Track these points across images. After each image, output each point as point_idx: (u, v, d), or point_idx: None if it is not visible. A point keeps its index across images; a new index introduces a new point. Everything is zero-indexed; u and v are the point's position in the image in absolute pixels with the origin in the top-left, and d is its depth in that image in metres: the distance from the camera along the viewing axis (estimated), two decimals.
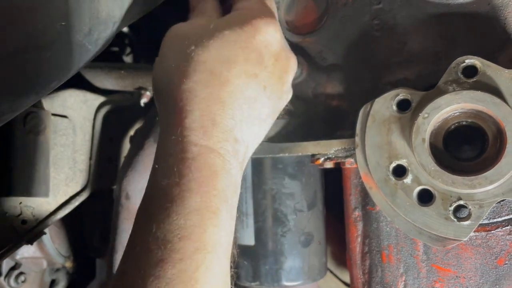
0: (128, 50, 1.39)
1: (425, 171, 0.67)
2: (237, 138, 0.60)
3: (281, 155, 0.84)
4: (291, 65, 0.67)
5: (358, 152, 0.74)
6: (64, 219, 1.17)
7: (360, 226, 0.82)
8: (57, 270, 1.38)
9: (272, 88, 0.64)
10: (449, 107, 0.67)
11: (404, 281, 0.78)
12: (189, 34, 0.62)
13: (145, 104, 1.17)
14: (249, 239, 0.91)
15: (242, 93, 0.60)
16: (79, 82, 1.11)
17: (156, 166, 0.59)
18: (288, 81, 0.67)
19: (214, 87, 0.59)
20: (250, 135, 0.63)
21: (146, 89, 1.15)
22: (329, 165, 0.82)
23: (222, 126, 0.59)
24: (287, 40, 0.86)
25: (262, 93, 0.62)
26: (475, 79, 0.67)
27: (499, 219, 0.73)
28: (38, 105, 0.98)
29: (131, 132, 1.21)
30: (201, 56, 0.59)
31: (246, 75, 0.61)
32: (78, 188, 1.08)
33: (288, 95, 0.70)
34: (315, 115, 0.86)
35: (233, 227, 0.60)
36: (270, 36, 0.63)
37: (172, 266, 0.52)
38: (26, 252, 1.27)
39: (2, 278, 1.24)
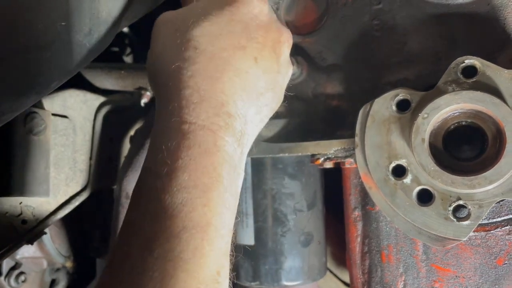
0: (128, 50, 1.39)
1: (425, 171, 0.67)
2: (230, 113, 0.58)
3: (281, 155, 0.84)
4: (284, 37, 0.66)
5: (357, 152, 0.74)
6: (64, 219, 1.17)
7: (359, 226, 0.82)
8: (57, 270, 1.38)
9: (265, 60, 0.62)
10: (449, 107, 0.67)
11: (403, 281, 0.78)
12: (176, 18, 0.62)
13: (145, 104, 1.17)
14: (249, 239, 0.91)
15: (231, 65, 0.59)
16: (79, 82, 1.11)
17: (149, 147, 0.59)
18: (283, 53, 0.66)
19: (200, 63, 0.58)
20: (248, 110, 0.61)
21: (146, 89, 1.15)
22: (329, 165, 0.82)
23: (211, 101, 0.57)
24: None
25: (253, 65, 0.61)
26: (474, 79, 0.67)
27: (499, 219, 0.73)
28: (39, 105, 0.98)
29: (131, 132, 1.21)
30: (187, 34, 0.59)
31: (232, 48, 0.60)
32: (78, 188, 1.08)
33: (287, 69, 0.68)
34: (315, 115, 0.86)
35: (232, 210, 0.58)
36: (255, 8, 0.62)
37: (159, 245, 0.52)
38: (26, 252, 1.27)
39: (2, 278, 1.24)
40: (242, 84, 0.60)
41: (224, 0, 0.62)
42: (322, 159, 0.81)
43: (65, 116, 1.04)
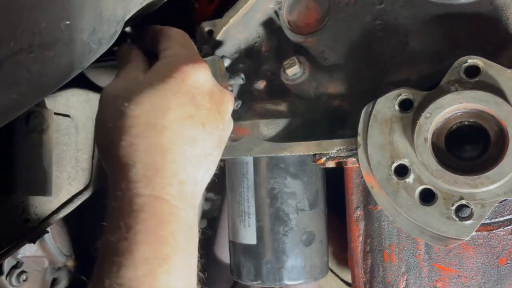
0: None
1: (427, 171, 0.67)
2: (182, 180, 0.61)
3: (283, 154, 0.84)
4: (226, 98, 0.69)
5: (360, 151, 0.74)
6: (65, 218, 1.17)
7: (361, 225, 0.82)
8: (59, 269, 1.38)
9: (211, 123, 0.66)
10: (451, 107, 0.67)
11: (405, 280, 0.78)
12: (121, 92, 0.64)
13: None
14: (250, 238, 0.91)
15: (181, 135, 0.62)
16: (82, 82, 1.11)
17: (106, 224, 0.60)
18: (227, 112, 0.70)
19: (152, 137, 0.61)
20: (198, 172, 0.64)
21: None
22: (331, 164, 0.82)
23: (164, 172, 0.60)
24: (289, 40, 0.87)
25: (201, 130, 0.64)
26: (477, 79, 0.67)
27: (501, 219, 0.73)
28: (41, 104, 0.98)
29: None
30: (135, 111, 0.61)
31: (181, 118, 0.62)
32: (80, 187, 1.08)
33: (229, 123, 0.73)
34: (317, 115, 0.86)
35: (192, 268, 0.62)
36: (200, 78, 0.65)
37: None
38: (27, 251, 1.27)
39: (4, 277, 1.24)
40: (191, 150, 0.63)
41: (168, 70, 0.64)
42: (324, 158, 0.81)
43: (67, 115, 1.04)
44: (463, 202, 0.67)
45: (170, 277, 0.57)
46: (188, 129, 0.63)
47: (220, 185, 1.05)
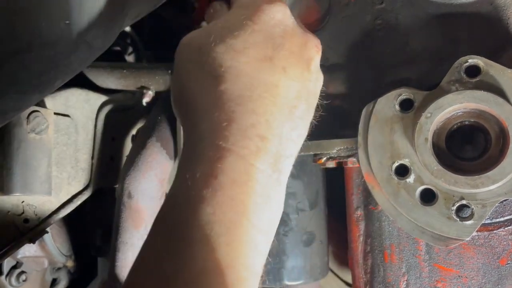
0: (130, 49, 1.39)
1: (428, 171, 0.67)
2: (262, 135, 0.53)
3: None
4: (311, 41, 0.60)
5: (360, 151, 0.74)
6: (65, 218, 1.17)
7: (362, 225, 0.82)
8: (58, 269, 1.38)
9: (294, 68, 0.57)
10: (452, 107, 0.67)
11: (406, 280, 0.78)
12: (199, 38, 0.59)
13: (147, 103, 1.17)
14: None
15: (259, 80, 0.54)
16: (81, 81, 1.11)
17: (175, 177, 0.55)
18: (312, 58, 0.60)
19: (226, 82, 0.54)
20: (282, 127, 0.55)
21: (148, 89, 1.15)
22: (331, 164, 0.82)
23: (241, 123, 0.52)
24: None
25: (282, 76, 0.56)
26: (478, 79, 0.67)
27: (502, 219, 0.73)
28: (41, 104, 0.98)
29: (133, 132, 1.21)
30: (211, 53, 0.55)
31: (258, 61, 0.55)
32: (80, 187, 1.08)
33: (318, 75, 0.62)
34: (317, 115, 0.86)
35: (259, 247, 0.53)
36: (278, 13, 0.58)
37: None
38: (27, 251, 1.27)
39: (3, 277, 1.24)
40: (273, 99, 0.54)
41: (244, 11, 0.58)
42: (324, 158, 0.81)
43: (67, 115, 1.04)
44: (463, 202, 0.67)
45: (230, 251, 0.49)
46: (267, 73, 0.55)
47: None
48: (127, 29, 1.29)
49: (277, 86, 0.55)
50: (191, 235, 0.49)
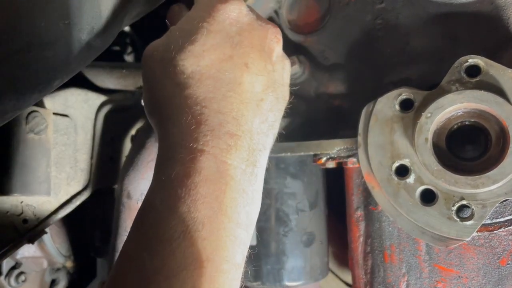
0: (129, 49, 1.39)
1: (428, 171, 0.67)
2: (232, 132, 0.54)
3: (283, 154, 0.84)
4: (270, 32, 0.60)
5: (360, 151, 0.74)
6: (64, 219, 1.17)
7: (362, 226, 0.82)
8: (58, 269, 1.38)
9: (256, 63, 0.57)
10: (452, 107, 0.67)
11: (406, 281, 0.78)
12: (160, 47, 0.60)
13: None
14: (251, 239, 0.91)
15: (222, 81, 0.55)
16: (80, 81, 1.11)
17: (151, 182, 0.56)
18: (273, 49, 0.61)
19: (190, 87, 0.55)
20: (252, 122, 0.56)
21: None
22: (331, 164, 0.82)
23: (209, 123, 0.54)
24: (289, 39, 0.86)
25: (245, 72, 0.56)
26: (478, 79, 0.67)
27: (502, 219, 0.72)
28: (40, 104, 0.98)
29: (133, 132, 1.21)
30: (172, 61, 0.56)
31: (218, 61, 0.56)
32: (79, 187, 1.08)
33: (282, 64, 0.63)
34: (317, 115, 0.86)
35: (238, 240, 0.53)
36: (232, 12, 0.58)
37: (156, 284, 0.50)
38: (26, 251, 1.27)
39: (3, 277, 1.23)
40: (238, 97, 0.56)
41: (200, 13, 0.59)
42: (324, 158, 0.81)
43: (66, 115, 1.04)
44: (464, 202, 0.67)
45: (207, 244, 0.50)
46: (229, 71, 0.55)
47: None
48: (127, 29, 1.29)
49: (241, 83, 0.56)
50: (168, 233, 0.50)
